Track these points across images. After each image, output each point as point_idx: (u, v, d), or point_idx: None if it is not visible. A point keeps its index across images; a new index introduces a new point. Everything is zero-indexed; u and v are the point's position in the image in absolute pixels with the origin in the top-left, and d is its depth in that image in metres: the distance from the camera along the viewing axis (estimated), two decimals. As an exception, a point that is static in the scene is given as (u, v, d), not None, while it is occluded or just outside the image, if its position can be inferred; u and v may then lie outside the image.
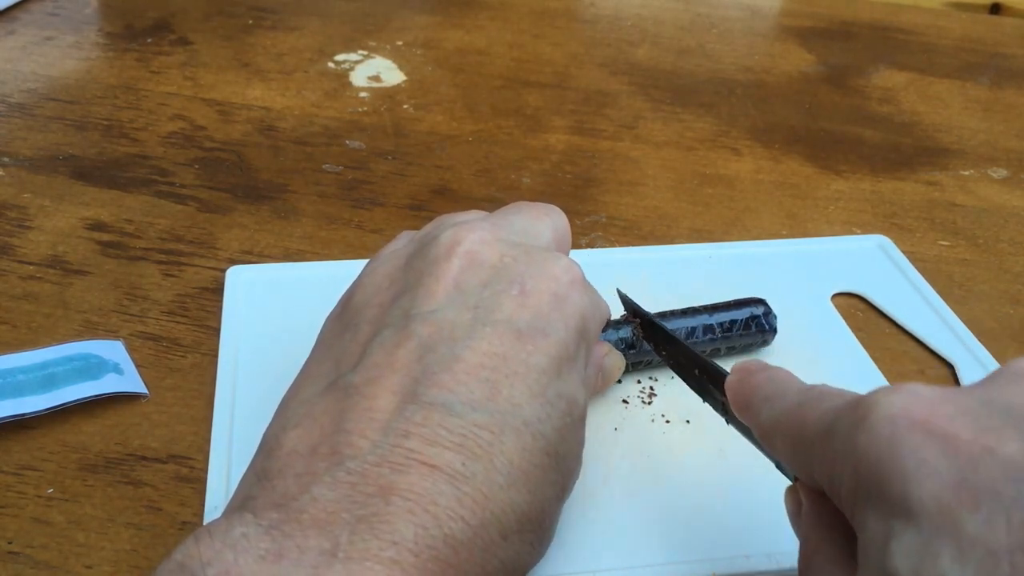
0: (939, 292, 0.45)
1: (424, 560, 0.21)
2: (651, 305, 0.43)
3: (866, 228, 0.51)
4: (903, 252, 0.49)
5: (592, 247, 0.48)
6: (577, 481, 0.33)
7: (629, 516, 0.32)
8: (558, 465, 0.25)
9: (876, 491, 0.20)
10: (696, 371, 0.33)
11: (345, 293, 0.31)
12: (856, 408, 0.22)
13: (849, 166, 0.58)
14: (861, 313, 0.44)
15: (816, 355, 0.40)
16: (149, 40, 0.69)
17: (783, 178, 0.56)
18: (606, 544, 0.31)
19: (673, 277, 0.45)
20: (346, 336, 0.27)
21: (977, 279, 0.48)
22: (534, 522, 0.24)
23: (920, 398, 0.21)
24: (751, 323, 0.39)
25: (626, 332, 0.37)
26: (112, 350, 0.38)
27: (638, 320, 0.37)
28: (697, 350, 0.35)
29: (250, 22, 0.74)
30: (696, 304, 0.39)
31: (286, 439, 0.24)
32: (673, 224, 0.51)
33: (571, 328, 0.27)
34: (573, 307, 0.27)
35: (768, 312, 0.39)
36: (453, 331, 0.26)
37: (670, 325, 0.37)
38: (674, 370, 0.35)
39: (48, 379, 0.35)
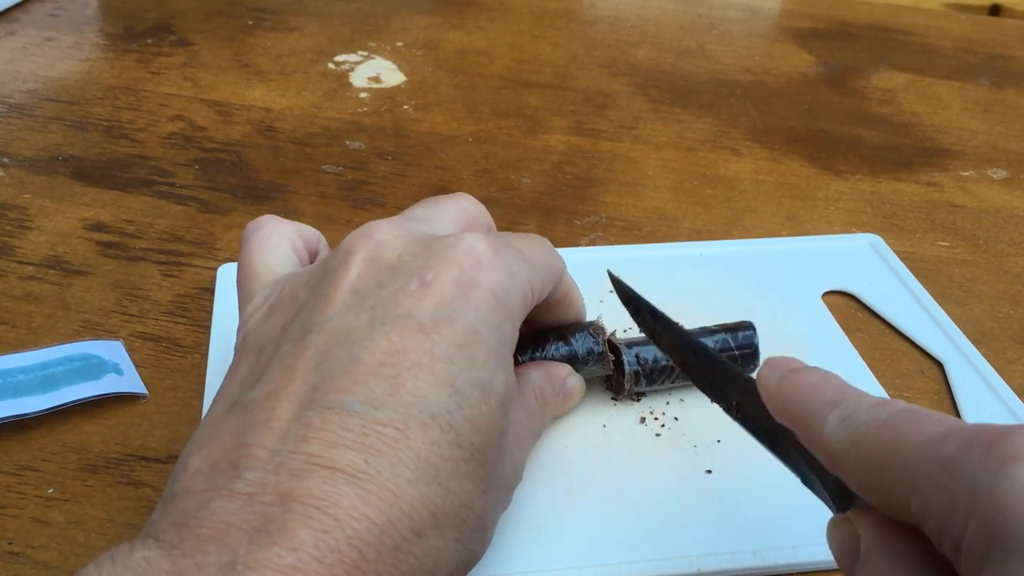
0: (939, 293, 0.45)
1: (329, 565, 0.20)
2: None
3: (865, 229, 0.51)
4: (903, 253, 0.49)
5: (592, 247, 0.48)
6: (565, 478, 0.33)
7: (616, 512, 0.32)
8: (474, 456, 0.24)
9: (1021, 547, 0.18)
10: (703, 366, 0.30)
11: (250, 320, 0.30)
12: (991, 447, 0.19)
13: (849, 167, 0.58)
14: (861, 313, 0.44)
15: (805, 352, 0.40)
16: (149, 41, 0.69)
17: (783, 179, 0.56)
18: (592, 540, 0.31)
19: (664, 275, 0.45)
20: (250, 359, 0.27)
21: (977, 280, 0.48)
22: (453, 517, 0.23)
23: None
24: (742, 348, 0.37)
25: (585, 344, 0.35)
26: (112, 350, 0.38)
27: (605, 332, 0.35)
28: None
29: (250, 23, 0.74)
30: (684, 304, 0.39)
31: (190, 462, 0.23)
32: (673, 225, 0.51)
33: (483, 310, 0.26)
34: (481, 289, 0.26)
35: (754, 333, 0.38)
36: (350, 335, 0.25)
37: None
38: (676, 363, 0.33)
39: (48, 379, 0.35)
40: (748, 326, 0.37)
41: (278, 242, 0.30)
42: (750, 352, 0.37)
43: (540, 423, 0.32)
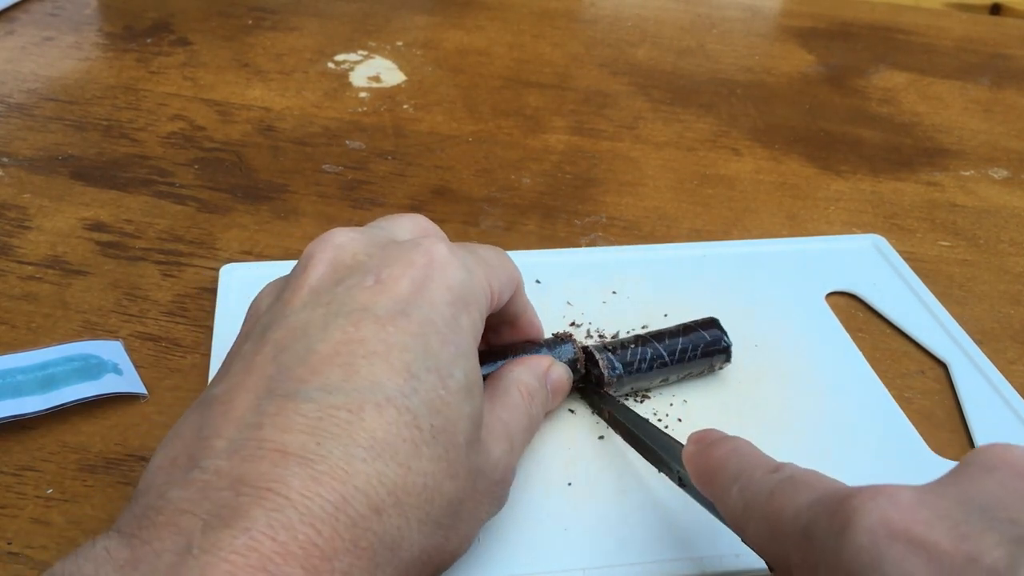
0: (939, 293, 0.45)
1: (283, 542, 0.21)
2: (639, 306, 0.42)
3: (866, 228, 0.51)
4: (904, 253, 0.49)
5: (592, 247, 0.48)
6: (568, 479, 0.33)
7: (619, 514, 0.32)
8: (436, 438, 0.25)
9: None
10: (645, 440, 0.32)
11: None
12: (834, 515, 0.21)
13: (849, 167, 0.58)
14: (862, 314, 0.44)
15: (809, 354, 0.40)
16: (149, 40, 0.69)
17: (783, 179, 0.56)
18: (595, 541, 0.31)
19: (664, 275, 0.45)
20: (222, 368, 0.28)
21: (978, 280, 0.48)
22: (416, 496, 0.24)
23: (898, 504, 0.21)
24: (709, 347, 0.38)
25: (568, 352, 0.36)
26: (111, 350, 0.38)
27: (576, 342, 0.36)
28: (663, 375, 0.34)
29: (250, 22, 0.74)
30: (685, 304, 0.39)
31: (154, 460, 0.24)
32: (673, 224, 0.51)
33: (438, 303, 0.27)
34: (437, 284, 0.27)
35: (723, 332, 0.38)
36: (307, 328, 0.26)
37: (635, 354, 0.36)
38: (622, 436, 0.34)
39: (47, 379, 0.35)
40: (713, 322, 0.38)
41: None
42: (725, 347, 0.37)
43: (529, 418, 0.32)
